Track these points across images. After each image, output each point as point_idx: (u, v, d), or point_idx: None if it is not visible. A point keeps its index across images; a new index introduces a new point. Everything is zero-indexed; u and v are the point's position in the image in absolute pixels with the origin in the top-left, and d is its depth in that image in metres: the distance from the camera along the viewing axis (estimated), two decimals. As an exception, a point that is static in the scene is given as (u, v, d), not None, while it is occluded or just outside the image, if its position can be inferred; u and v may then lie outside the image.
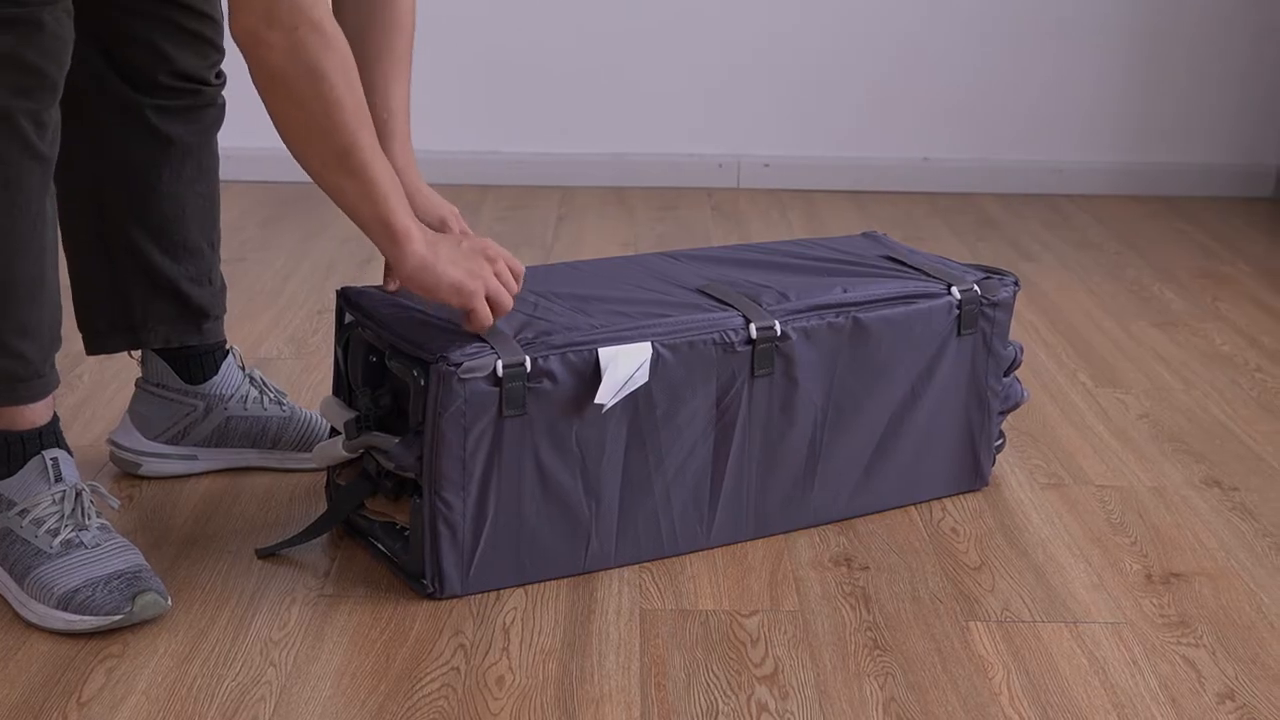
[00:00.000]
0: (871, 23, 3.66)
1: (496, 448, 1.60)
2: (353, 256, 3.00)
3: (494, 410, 1.59)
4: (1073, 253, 3.19)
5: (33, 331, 1.61)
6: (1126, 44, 3.69)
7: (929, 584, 1.71)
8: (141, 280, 1.88)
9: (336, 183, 1.54)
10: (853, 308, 1.78)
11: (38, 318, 1.61)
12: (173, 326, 1.91)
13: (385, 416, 1.67)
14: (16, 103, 1.52)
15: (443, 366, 1.56)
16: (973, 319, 1.85)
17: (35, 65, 1.52)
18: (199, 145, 1.88)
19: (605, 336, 1.64)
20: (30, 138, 1.54)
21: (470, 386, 1.57)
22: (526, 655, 1.54)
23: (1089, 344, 2.57)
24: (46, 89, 1.54)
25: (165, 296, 1.90)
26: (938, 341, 1.84)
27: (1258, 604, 1.68)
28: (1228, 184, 3.74)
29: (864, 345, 1.79)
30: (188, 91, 1.84)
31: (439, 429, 1.57)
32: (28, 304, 1.59)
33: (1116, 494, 1.96)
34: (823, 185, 3.72)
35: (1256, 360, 2.50)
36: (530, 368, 1.59)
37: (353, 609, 1.62)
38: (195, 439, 1.93)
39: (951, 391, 1.87)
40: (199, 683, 1.48)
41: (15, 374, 1.61)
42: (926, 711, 1.46)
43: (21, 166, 1.54)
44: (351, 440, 1.68)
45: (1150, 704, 1.48)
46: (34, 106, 1.54)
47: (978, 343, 1.87)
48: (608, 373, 1.62)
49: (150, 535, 1.78)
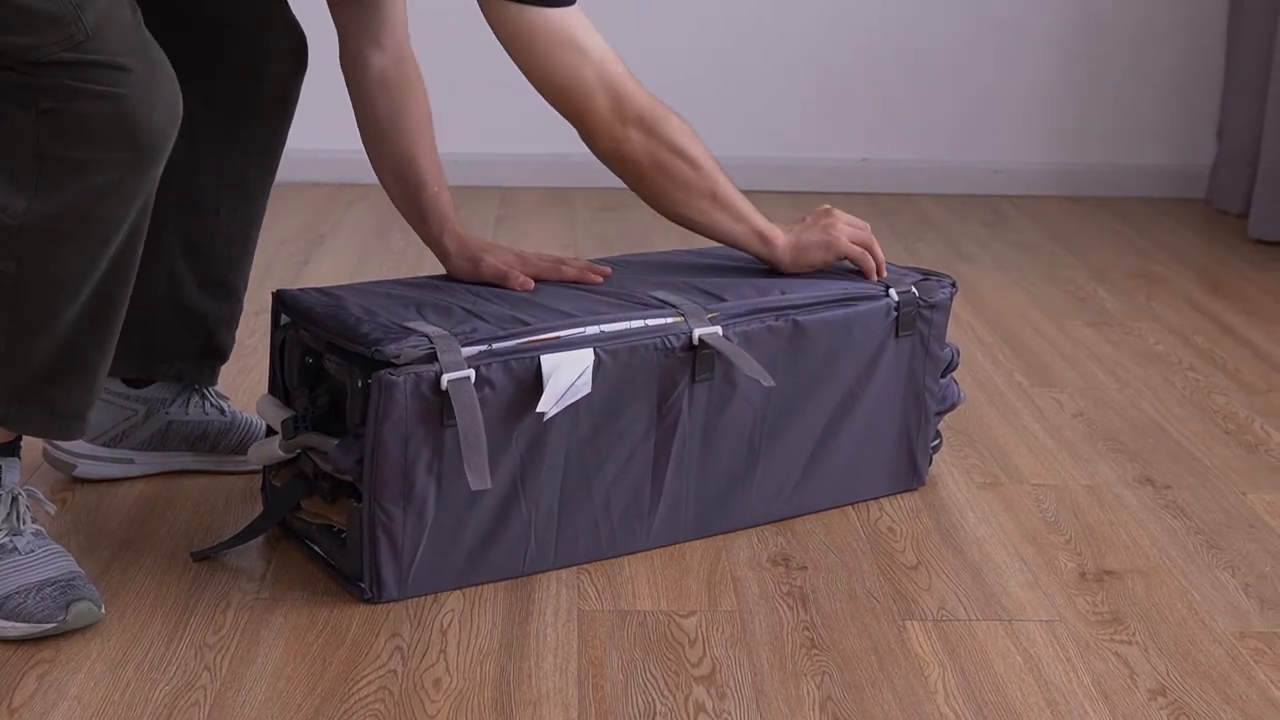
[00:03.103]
0: (810, 25, 3.68)
1: (437, 455, 1.60)
2: (290, 259, 2.98)
3: (436, 420, 1.58)
4: (1010, 253, 3.22)
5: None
6: (1064, 47, 3.72)
7: (866, 583, 1.71)
8: (174, 312, 1.86)
9: (713, 219, 1.82)
10: (792, 310, 1.78)
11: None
12: (191, 364, 1.90)
13: (322, 417, 1.66)
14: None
15: (385, 376, 1.55)
16: (910, 321, 1.86)
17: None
18: (260, 188, 1.89)
19: (543, 341, 1.63)
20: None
21: (413, 396, 1.56)
22: (464, 657, 1.54)
23: (1025, 344, 2.59)
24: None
25: (193, 333, 1.88)
26: (876, 343, 1.85)
27: (1189, 601, 1.70)
28: (1162, 185, 3.78)
29: (803, 348, 1.79)
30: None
31: (380, 438, 1.56)
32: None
33: (1051, 493, 1.98)
34: (763, 186, 3.72)
35: (1189, 359, 2.53)
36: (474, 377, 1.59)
37: (289, 612, 1.62)
38: (133, 442, 1.92)
39: (889, 393, 1.88)
40: (132, 688, 1.47)
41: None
42: (863, 710, 1.46)
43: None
44: (288, 440, 1.67)
45: (1083, 700, 1.49)
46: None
47: (915, 344, 1.88)
48: (550, 381, 1.62)
49: (84, 538, 1.77)
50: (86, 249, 1.49)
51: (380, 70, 1.81)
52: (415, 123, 1.83)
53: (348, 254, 3.06)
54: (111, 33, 1.44)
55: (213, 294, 1.89)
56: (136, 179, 1.48)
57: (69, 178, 1.45)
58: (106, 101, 1.44)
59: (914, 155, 3.75)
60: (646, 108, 1.73)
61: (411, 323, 1.61)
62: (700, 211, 1.80)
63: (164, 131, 1.48)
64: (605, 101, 1.71)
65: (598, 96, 1.70)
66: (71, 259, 1.49)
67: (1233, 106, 3.61)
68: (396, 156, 1.82)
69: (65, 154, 1.45)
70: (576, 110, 1.72)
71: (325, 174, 3.62)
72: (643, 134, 1.73)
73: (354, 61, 1.82)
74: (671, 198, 1.79)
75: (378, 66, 1.81)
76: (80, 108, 1.43)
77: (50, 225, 1.47)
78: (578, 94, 1.70)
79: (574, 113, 1.72)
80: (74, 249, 1.49)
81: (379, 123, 1.82)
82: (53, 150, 1.45)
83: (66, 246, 1.48)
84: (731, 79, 3.69)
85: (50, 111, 1.43)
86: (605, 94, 1.71)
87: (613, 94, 1.71)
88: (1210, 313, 2.80)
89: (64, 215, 1.47)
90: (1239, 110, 3.56)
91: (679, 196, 1.79)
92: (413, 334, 1.58)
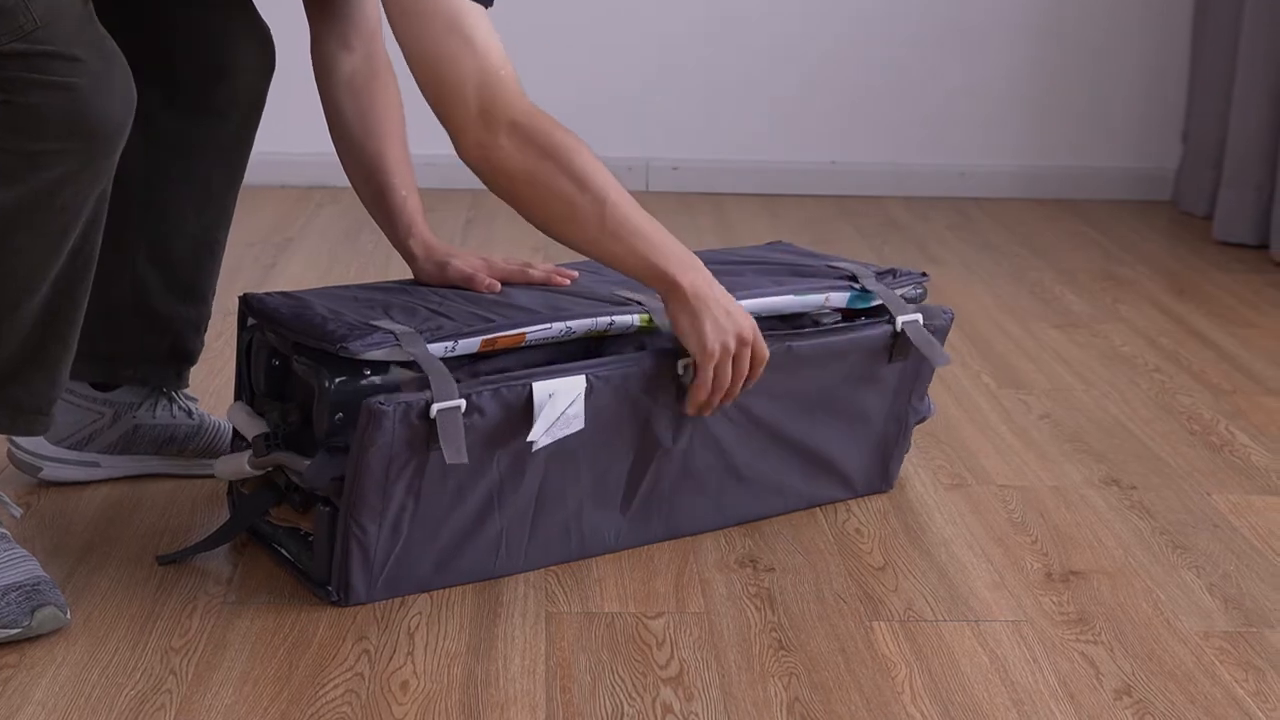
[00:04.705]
0: (779, 28, 3.69)
1: (419, 475, 1.59)
2: (257, 261, 2.97)
3: (422, 444, 1.57)
4: (976, 255, 3.23)
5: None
6: (1030, 50, 3.74)
7: (833, 585, 1.72)
8: (140, 316, 1.85)
9: (603, 248, 1.63)
10: (791, 337, 1.78)
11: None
12: (158, 368, 1.89)
13: (294, 434, 1.65)
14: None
15: (374, 404, 1.53)
16: (906, 349, 1.86)
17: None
18: (226, 191, 1.87)
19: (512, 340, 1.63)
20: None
21: (400, 424, 1.54)
22: (431, 660, 1.53)
23: (991, 345, 2.60)
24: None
25: (160, 337, 1.87)
26: (869, 367, 1.85)
27: (1155, 601, 1.71)
28: (1127, 187, 3.80)
29: (796, 369, 1.79)
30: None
31: (364, 462, 1.55)
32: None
33: (1018, 493, 1.98)
34: (731, 189, 3.73)
35: (1155, 361, 2.54)
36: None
37: (255, 615, 1.61)
38: (100, 445, 1.91)
39: (874, 411, 1.89)
40: (97, 692, 1.46)
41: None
42: (830, 711, 1.47)
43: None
44: (259, 459, 1.65)
45: (1049, 700, 1.50)
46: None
47: (908, 366, 1.89)
48: (543, 413, 1.61)
49: (49, 542, 1.76)
50: (44, 240, 1.49)
51: (349, 71, 1.81)
52: (385, 125, 1.82)
53: (316, 256, 3.05)
54: (62, 23, 1.44)
55: (179, 298, 1.88)
56: (92, 170, 1.48)
57: (25, 168, 1.45)
58: (60, 92, 1.43)
59: (881, 158, 3.76)
60: (524, 115, 1.59)
61: (377, 321, 1.61)
62: (588, 239, 1.63)
63: (119, 121, 1.48)
64: (476, 100, 1.57)
65: (469, 91, 1.57)
66: (29, 250, 1.49)
67: (1198, 109, 3.63)
68: (364, 159, 1.81)
69: (20, 146, 1.44)
70: (445, 103, 1.58)
71: (294, 177, 3.61)
72: (515, 142, 1.58)
73: (323, 62, 1.82)
74: (553, 217, 1.62)
75: (347, 68, 1.81)
76: (33, 98, 1.43)
77: (7, 216, 1.46)
78: (450, 85, 1.58)
79: (443, 106, 1.59)
80: (31, 240, 1.48)
81: (347, 124, 1.81)
82: (7, 142, 1.44)
83: (24, 237, 1.48)
84: (699, 82, 3.70)
85: (3, 104, 1.43)
86: (479, 92, 1.57)
87: (487, 94, 1.57)
88: (1176, 314, 2.82)
89: (20, 206, 1.46)
90: (1204, 113, 3.59)
91: (560, 214, 1.61)
92: (378, 330, 1.58)
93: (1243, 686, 1.53)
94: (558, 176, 1.59)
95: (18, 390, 1.55)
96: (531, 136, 1.58)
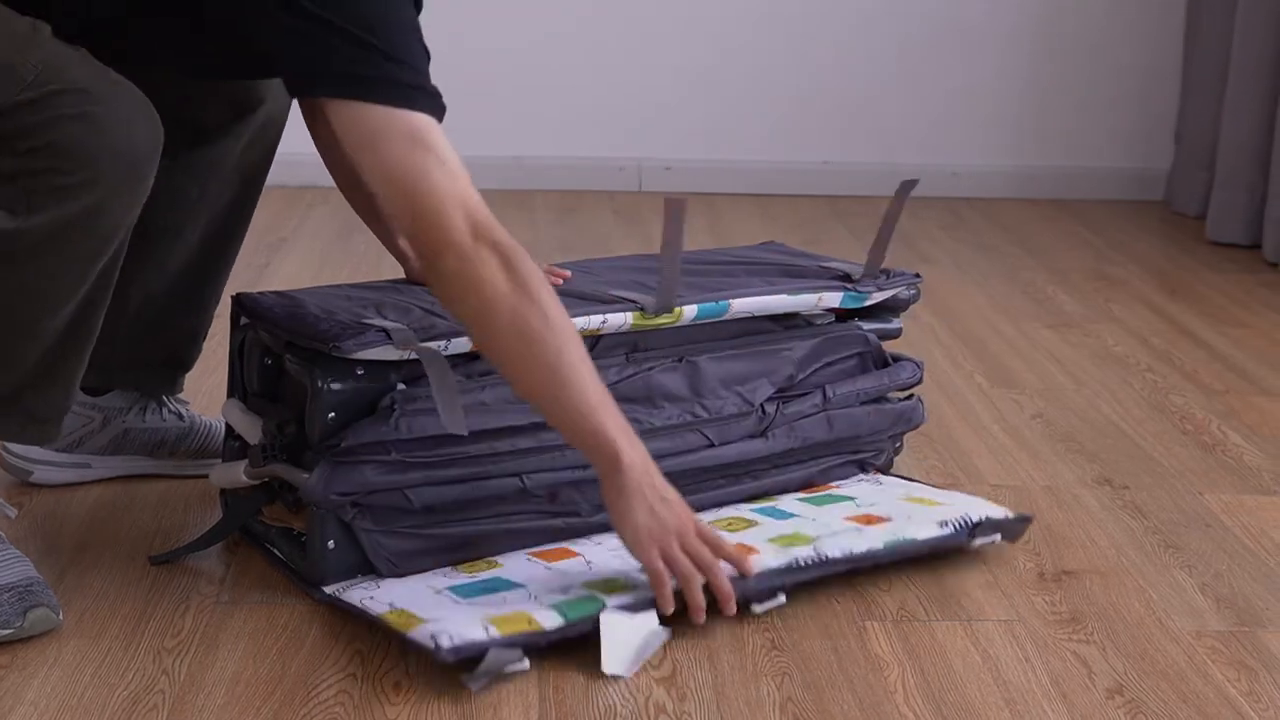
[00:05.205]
0: (773, 28, 3.69)
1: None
2: (251, 262, 2.97)
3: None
4: (969, 255, 3.23)
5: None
6: (1023, 50, 3.74)
7: (826, 584, 1.72)
8: (142, 326, 1.84)
9: (546, 397, 1.51)
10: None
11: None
12: (152, 373, 1.89)
13: (290, 445, 1.65)
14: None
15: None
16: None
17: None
18: (240, 209, 1.87)
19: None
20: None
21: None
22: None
23: (984, 345, 2.60)
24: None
25: (159, 345, 1.87)
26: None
27: (1147, 600, 1.71)
28: (1120, 187, 3.81)
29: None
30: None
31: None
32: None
33: (1011, 493, 1.98)
34: (724, 189, 3.73)
35: (1147, 361, 2.55)
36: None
37: (248, 615, 1.61)
38: (90, 448, 1.90)
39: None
40: (89, 693, 1.46)
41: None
42: (823, 710, 1.47)
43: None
44: (256, 469, 1.65)
45: (1041, 700, 1.50)
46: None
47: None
48: (615, 644, 1.53)
49: (41, 542, 1.75)
50: (76, 265, 1.51)
51: None
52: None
53: (309, 256, 3.05)
54: (60, 63, 1.47)
55: (182, 308, 1.87)
56: (125, 197, 1.50)
57: (53, 200, 1.46)
58: (76, 123, 1.45)
59: (874, 158, 3.77)
60: (503, 235, 1.50)
61: (370, 319, 1.61)
62: (537, 381, 1.50)
63: (144, 144, 1.50)
64: (460, 211, 1.49)
65: (451, 203, 1.49)
66: (60, 274, 1.51)
67: (1190, 110, 3.63)
68: (350, 165, 1.79)
69: (49, 182, 1.46)
70: (429, 215, 1.48)
71: (286, 177, 3.60)
72: (498, 259, 1.48)
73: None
74: (510, 349, 1.50)
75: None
76: (53, 136, 1.45)
77: (37, 242, 1.48)
78: (431, 197, 1.48)
79: (425, 218, 1.49)
80: (61, 265, 1.50)
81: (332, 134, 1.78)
82: (38, 183, 1.46)
83: (53, 262, 1.50)
84: (692, 82, 3.70)
85: (29, 152, 1.45)
86: (460, 204, 1.49)
87: (468, 207, 1.49)
88: (1168, 314, 2.82)
89: (51, 234, 1.48)
90: (1197, 114, 3.59)
91: (517, 350, 1.50)
92: (370, 329, 1.58)
93: (1235, 686, 1.53)
94: (530, 309, 1.49)
95: (33, 400, 1.57)
96: (511, 257, 1.49)
